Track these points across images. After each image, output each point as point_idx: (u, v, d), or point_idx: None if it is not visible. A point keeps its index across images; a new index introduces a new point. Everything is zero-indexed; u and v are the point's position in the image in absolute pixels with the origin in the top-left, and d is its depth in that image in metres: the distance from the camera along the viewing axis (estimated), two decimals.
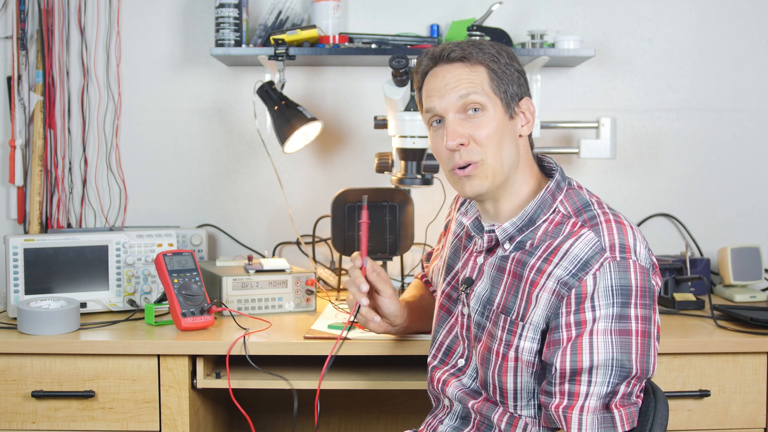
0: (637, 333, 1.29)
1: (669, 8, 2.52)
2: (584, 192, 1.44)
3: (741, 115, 2.54)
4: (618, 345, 1.28)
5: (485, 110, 1.40)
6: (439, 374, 1.54)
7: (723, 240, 2.50)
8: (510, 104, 1.42)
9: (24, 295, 2.03)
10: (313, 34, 2.31)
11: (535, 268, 1.36)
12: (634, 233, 1.34)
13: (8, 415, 1.83)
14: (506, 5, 2.46)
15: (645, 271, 1.31)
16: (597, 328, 1.29)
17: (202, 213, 2.55)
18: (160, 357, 1.82)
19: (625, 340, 1.28)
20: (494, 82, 1.41)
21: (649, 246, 1.37)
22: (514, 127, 1.43)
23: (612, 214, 1.37)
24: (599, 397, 1.29)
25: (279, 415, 2.39)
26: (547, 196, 1.42)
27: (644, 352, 1.29)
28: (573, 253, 1.32)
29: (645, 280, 1.30)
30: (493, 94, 1.41)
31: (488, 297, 1.43)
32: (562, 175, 1.46)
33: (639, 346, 1.29)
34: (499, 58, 1.42)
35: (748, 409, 1.86)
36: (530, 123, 1.45)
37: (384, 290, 1.62)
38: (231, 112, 2.53)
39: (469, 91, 1.40)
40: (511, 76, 1.43)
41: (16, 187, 2.46)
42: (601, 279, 1.29)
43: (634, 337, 1.29)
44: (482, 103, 1.40)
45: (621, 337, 1.28)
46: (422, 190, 2.48)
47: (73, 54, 2.49)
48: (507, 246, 1.43)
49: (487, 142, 1.40)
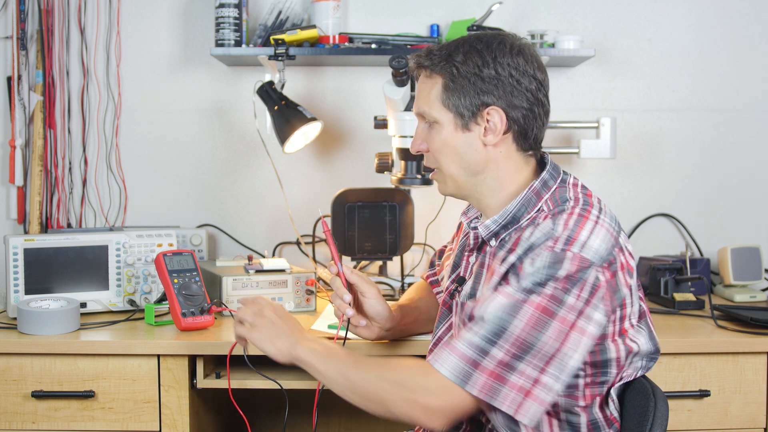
0: (537, 307, 1.26)
1: (669, 8, 2.52)
2: (577, 189, 1.42)
3: (741, 115, 2.54)
4: (509, 307, 1.27)
5: (438, 123, 1.44)
6: None
7: (723, 240, 2.50)
8: (463, 116, 1.41)
9: (24, 295, 2.03)
10: (313, 34, 2.31)
11: (500, 259, 1.37)
12: (595, 227, 1.31)
13: (8, 415, 1.83)
14: (506, 5, 2.46)
15: (584, 263, 1.28)
16: (506, 291, 1.29)
17: (202, 213, 2.55)
18: (160, 357, 1.82)
19: (518, 306, 1.27)
20: (446, 95, 1.41)
21: (619, 244, 1.33)
22: (470, 139, 1.42)
23: (582, 208, 1.35)
24: (472, 346, 1.27)
25: (280, 416, 2.39)
26: (531, 195, 1.41)
27: (537, 327, 1.26)
28: (528, 240, 1.33)
29: (578, 271, 1.27)
30: (444, 107, 1.42)
31: (471, 293, 1.44)
32: (553, 173, 1.44)
33: (532, 318, 1.26)
34: (461, 68, 1.39)
35: (748, 409, 1.86)
36: (495, 132, 1.41)
37: (367, 290, 1.62)
38: (231, 112, 2.54)
39: (422, 110, 1.46)
40: (470, 88, 1.39)
41: (16, 187, 2.46)
42: (537, 262, 1.28)
43: (529, 307, 1.26)
44: (434, 117, 1.44)
45: (516, 303, 1.27)
46: (422, 190, 2.48)
47: (73, 54, 2.49)
48: (493, 243, 1.44)
49: (438, 154, 1.45)
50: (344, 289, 1.61)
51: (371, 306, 1.63)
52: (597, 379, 1.36)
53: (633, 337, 1.37)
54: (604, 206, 1.40)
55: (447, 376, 1.28)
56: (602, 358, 1.34)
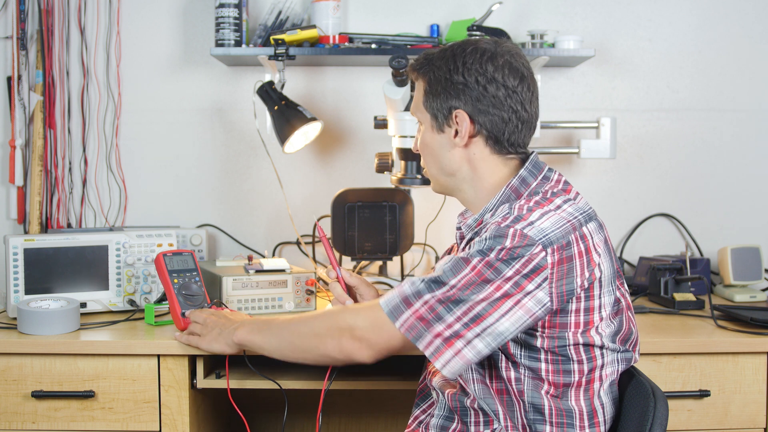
0: (473, 269, 1.31)
1: (669, 8, 2.52)
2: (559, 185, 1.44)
3: (741, 115, 2.54)
4: (453, 264, 1.34)
5: (421, 125, 1.53)
6: (431, 366, 1.57)
7: (723, 240, 2.50)
8: (438, 118, 1.47)
9: (24, 295, 2.03)
10: (313, 34, 2.31)
11: None
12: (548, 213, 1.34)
13: (8, 415, 1.83)
14: (506, 5, 2.46)
15: (525, 239, 1.30)
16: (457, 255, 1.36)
17: (202, 213, 2.55)
18: (160, 357, 1.82)
19: (460, 265, 1.33)
20: (425, 98, 1.49)
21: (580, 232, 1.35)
22: (444, 140, 1.48)
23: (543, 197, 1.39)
24: (411, 285, 1.35)
25: (280, 416, 2.38)
26: (509, 192, 1.44)
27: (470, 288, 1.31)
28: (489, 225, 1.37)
29: (518, 246, 1.30)
30: (425, 109, 1.49)
31: None
32: (533, 170, 1.46)
33: (468, 279, 1.31)
34: (436, 72, 1.45)
35: (748, 409, 1.86)
36: (461, 135, 1.45)
37: (366, 293, 1.69)
38: (231, 112, 2.54)
39: (412, 111, 1.54)
40: (441, 91, 1.45)
41: (16, 187, 2.46)
42: (484, 235, 1.34)
43: (467, 268, 1.32)
44: (419, 118, 1.53)
45: (459, 262, 1.33)
46: (422, 190, 2.48)
47: (73, 54, 2.49)
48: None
49: (422, 154, 1.55)
50: (345, 294, 1.67)
51: None
52: (559, 367, 1.38)
53: (601, 330, 1.38)
54: (578, 201, 1.41)
55: (383, 308, 1.37)
56: (559, 344, 1.36)
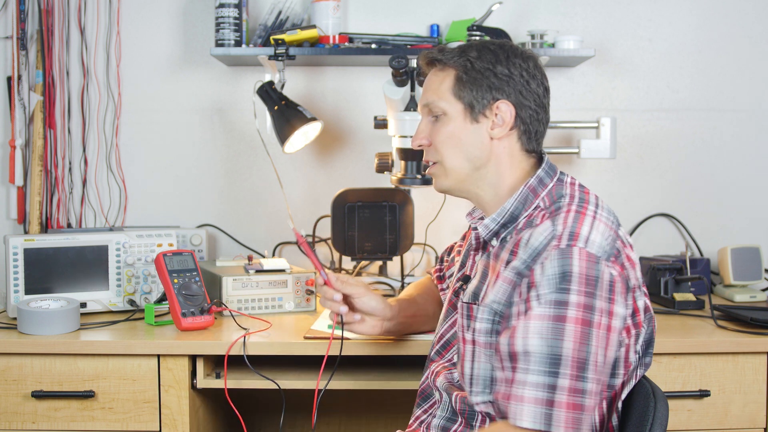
0: (574, 321, 1.25)
1: (669, 8, 2.52)
2: (574, 187, 1.44)
3: (741, 115, 2.54)
4: (551, 331, 1.26)
5: (445, 115, 1.47)
6: (434, 366, 1.56)
7: (723, 240, 2.50)
8: (474, 108, 1.45)
9: (24, 295, 2.03)
10: (313, 34, 2.31)
11: (504, 261, 1.38)
12: (593, 222, 1.33)
13: (8, 415, 1.83)
14: (506, 5, 2.46)
15: (592, 258, 1.28)
16: (535, 312, 1.28)
17: (202, 213, 2.55)
18: (160, 357, 1.82)
19: (559, 327, 1.25)
20: (458, 87, 1.45)
21: (620, 237, 1.34)
22: (479, 131, 1.45)
23: (578, 205, 1.37)
24: (537, 386, 1.25)
25: (280, 415, 2.38)
26: (527, 192, 1.43)
27: (583, 341, 1.25)
28: (529, 243, 1.33)
29: (590, 268, 1.27)
30: (455, 99, 1.46)
31: (475, 293, 1.44)
32: (548, 171, 1.46)
33: (577, 334, 1.25)
34: (475, 62, 1.44)
35: (748, 409, 1.86)
36: (503, 125, 1.45)
37: (355, 291, 1.63)
38: (231, 112, 2.53)
39: (430, 100, 1.48)
40: (483, 81, 1.44)
41: (16, 187, 2.46)
42: (547, 267, 1.29)
43: (570, 324, 1.25)
44: (442, 109, 1.46)
45: (555, 324, 1.26)
46: (422, 190, 2.48)
47: (73, 54, 2.49)
48: (494, 243, 1.46)
49: (442, 146, 1.47)
50: (331, 290, 1.61)
51: (364, 303, 1.64)
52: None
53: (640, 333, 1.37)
54: (601, 202, 1.41)
55: (531, 427, 1.26)
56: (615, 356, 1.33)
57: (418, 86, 2.06)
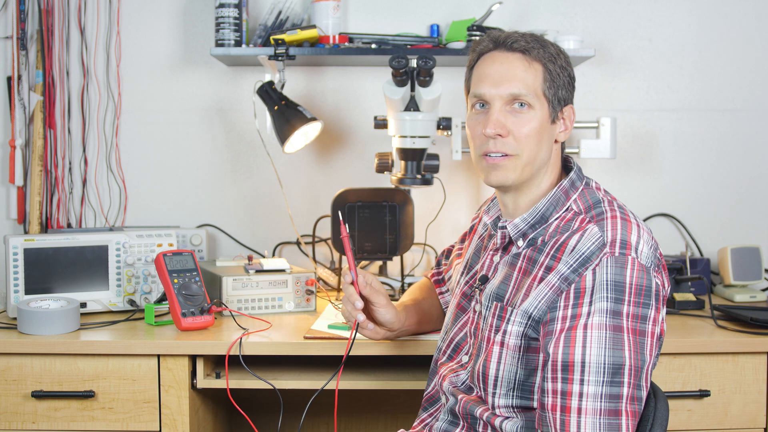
0: (629, 331, 1.27)
1: (669, 8, 2.52)
2: (600, 192, 1.45)
3: (741, 115, 2.54)
4: (610, 341, 1.27)
5: (532, 109, 1.43)
6: (443, 370, 1.55)
7: (723, 240, 2.50)
8: (555, 108, 1.45)
9: (24, 295, 2.03)
10: (313, 34, 2.31)
11: (543, 265, 1.37)
12: (639, 231, 1.34)
13: (8, 415, 1.83)
14: (506, 5, 2.46)
15: (643, 269, 1.30)
16: (591, 322, 1.28)
17: (202, 213, 2.55)
18: (160, 357, 1.82)
19: (618, 337, 1.27)
20: (547, 84, 1.43)
21: (657, 246, 1.37)
22: (553, 131, 1.46)
23: (620, 211, 1.38)
24: (597, 397, 1.26)
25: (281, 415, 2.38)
26: (560, 194, 1.44)
27: (637, 350, 1.28)
28: (576, 248, 1.33)
29: (641, 278, 1.29)
30: (543, 95, 1.44)
31: (497, 293, 1.44)
32: (579, 174, 1.48)
33: (632, 343, 1.27)
34: (556, 60, 1.44)
35: (748, 409, 1.86)
36: (568, 130, 1.48)
37: (378, 301, 1.61)
38: (231, 112, 2.53)
39: (522, 91, 1.42)
40: (562, 81, 1.45)
41: (16, 187, 2.46)
42: (599, 274, 1.29)
43: (626, 335, 1.27)
44: (531, 102, 1.42)
45: (614, 333, 1.27)
46: (422, 190, 2.48)
47: (73, 54, 2.49)
48: (520, 243, 1.45)
49: (526, 139, 1.42)
50: (357, 295, 1.59)
51: (382, 315, 1.62)
52: None
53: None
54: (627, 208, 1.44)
55: None
56: None
57: (418, 86, 2.05)
